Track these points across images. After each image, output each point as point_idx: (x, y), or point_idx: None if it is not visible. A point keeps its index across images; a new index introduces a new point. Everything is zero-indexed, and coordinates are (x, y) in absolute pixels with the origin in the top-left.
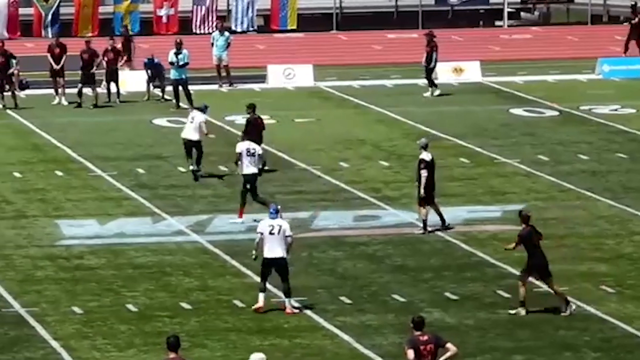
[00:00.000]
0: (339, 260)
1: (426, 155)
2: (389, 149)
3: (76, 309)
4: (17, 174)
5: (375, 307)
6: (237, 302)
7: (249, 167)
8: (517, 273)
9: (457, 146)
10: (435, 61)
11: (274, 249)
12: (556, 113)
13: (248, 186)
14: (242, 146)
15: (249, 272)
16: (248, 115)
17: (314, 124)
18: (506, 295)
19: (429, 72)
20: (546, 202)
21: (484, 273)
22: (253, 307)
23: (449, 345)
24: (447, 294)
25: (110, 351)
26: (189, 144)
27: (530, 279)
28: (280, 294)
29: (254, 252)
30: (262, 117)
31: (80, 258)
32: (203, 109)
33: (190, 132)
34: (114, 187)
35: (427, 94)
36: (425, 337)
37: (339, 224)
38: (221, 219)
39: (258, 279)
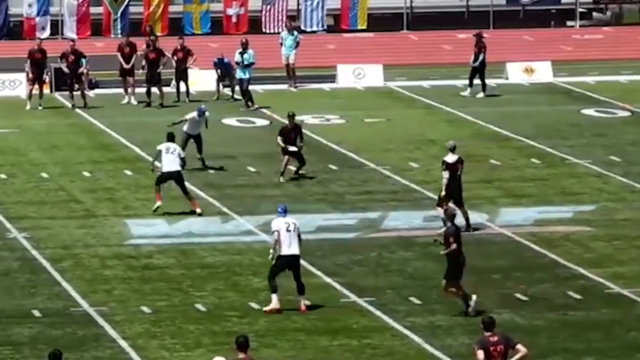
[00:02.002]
0: (409, 261)
1: (449, 158)
2: (458, 149)
3: (145, 309)
4: (86, 174)
5: (444, 308)
6: (306, 302)
7: (170, 165)
8: (588, 274)
9: (528, 147)
10: (482, 62)
11: (291, 247)
12: (628, 114)
13: (173, 183)
14: (163, 146)
15: (318, 272)
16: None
17: (384, 124)
18: (577, 296)
19: (473, 71)
20: (617, 203)
21: (554, 274)
22: (267, 309)
23: (519, 346)
24: (517, 295)
25: (179, 351)
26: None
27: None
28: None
29: (271, 251)
30: (332, 117)
31: (149, 257)
32: (201, 113)
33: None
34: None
35: (466, 92)
36: (495, 338)
37: (408, 224)
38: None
39: (328, 279)
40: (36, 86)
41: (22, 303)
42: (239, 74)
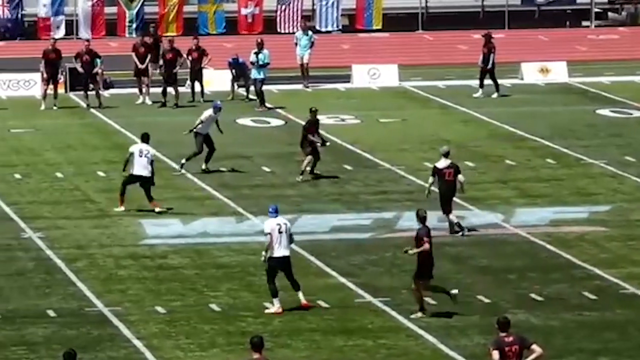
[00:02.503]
0: None
1: (440, 163)
2: (474, 150)
3: (159, 309)
4: (100, 173)
5: (459, 308)
6: (321, 302)
7: (141, 169)
8: (603, 274)
9: (543, 147)
10: (493, 63)
11: (283, 248)
12: None
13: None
14: (136, 147)
15: (333, 272)
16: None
17: (399, 124)
18: (592, 296)
19: (483, 73)
20: (632, 203)
21: (569, 274)
22: (270, 312)
23: (534, 346)
24: (533, 295)
25: (194, 351)
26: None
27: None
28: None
29: (263, 253)
30: (347, 117)
31: (164, 257)
32: (217, 108)
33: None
34: (197, 187)
35: (478, 94)
36: (511, 338)
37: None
38: (305, 218)
39: (343, 279)
40: (51, 86)
41: (37, 303)
42: (253, 74)
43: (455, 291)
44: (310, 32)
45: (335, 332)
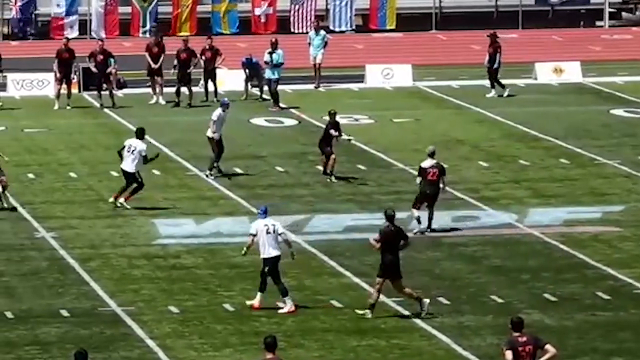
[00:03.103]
0: (437, 261)
1: (425, 163)
2: (488, 150)
3: (172, 308)
4: (114, 173)
5: (473, 308)
6: (335, 302)
7: (127, 164)
8: (617, 274)
9: (557, 147)
10: (499, 63)
11: (270, 249)
12: None
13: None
14: (128, 141)
15: (346, 272)
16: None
17: (413, 124)
18: (606, 297)
19: (491, 73)
20: None
21: (583, 274)
22: (284, 311)
23: (548, 346)
24: (546, 295)
25: (207, 350)
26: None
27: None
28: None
29: (244, 249)
30: (361, 117)
31: (177, 257)
32: (226, 105)
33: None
34: (210, 187)
35: (491, 94)
36: (524, 338)
37: (436, 225)
38: (319, 218)
39: (356, 279)
40: (64, 86)
41: (50, 303)
42: (267, 74)
43: (368, 313)
44: (322, 32)
45: (349, 332)
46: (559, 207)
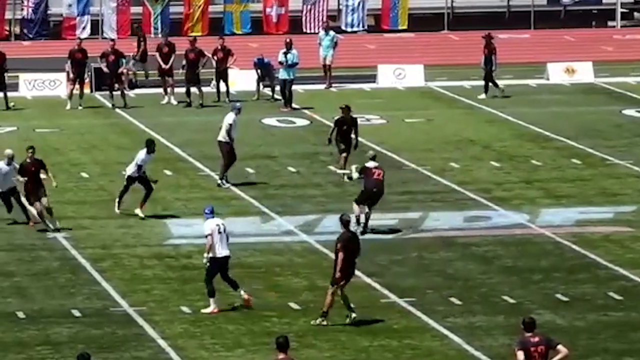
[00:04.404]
0: (449, 261)
1: (369, 164)
2: (499, 150)
3: (184, 309)
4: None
5: (485, 308)
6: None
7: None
8: (629, 275)
9: (569, 147)
10: (495, 64)
11: (224, 248)
12: None
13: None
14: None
15: (357, 272)
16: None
17: (424, 124)
18: (618, 297)
19: (487, 74)
20: None
21: (595, 275)
22: (206, 312)
23: (560, 347)
24: (558, 296)
25: (219, 351)
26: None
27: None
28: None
29: (205, 255)
30: (373, 117)
31: (189, 258)
32: (237, 110)
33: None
34: (222, 187)
35: (482, 96)
36: (536, 339)
37: (449, 225)
38: (330, 219)
39: (368, 279)
40: (76, 86)
41: (62, 303)
42: (282, 74)
43: (354, 315)
44: (332, 32)
45: (361, 333)
46: (570, 208)
